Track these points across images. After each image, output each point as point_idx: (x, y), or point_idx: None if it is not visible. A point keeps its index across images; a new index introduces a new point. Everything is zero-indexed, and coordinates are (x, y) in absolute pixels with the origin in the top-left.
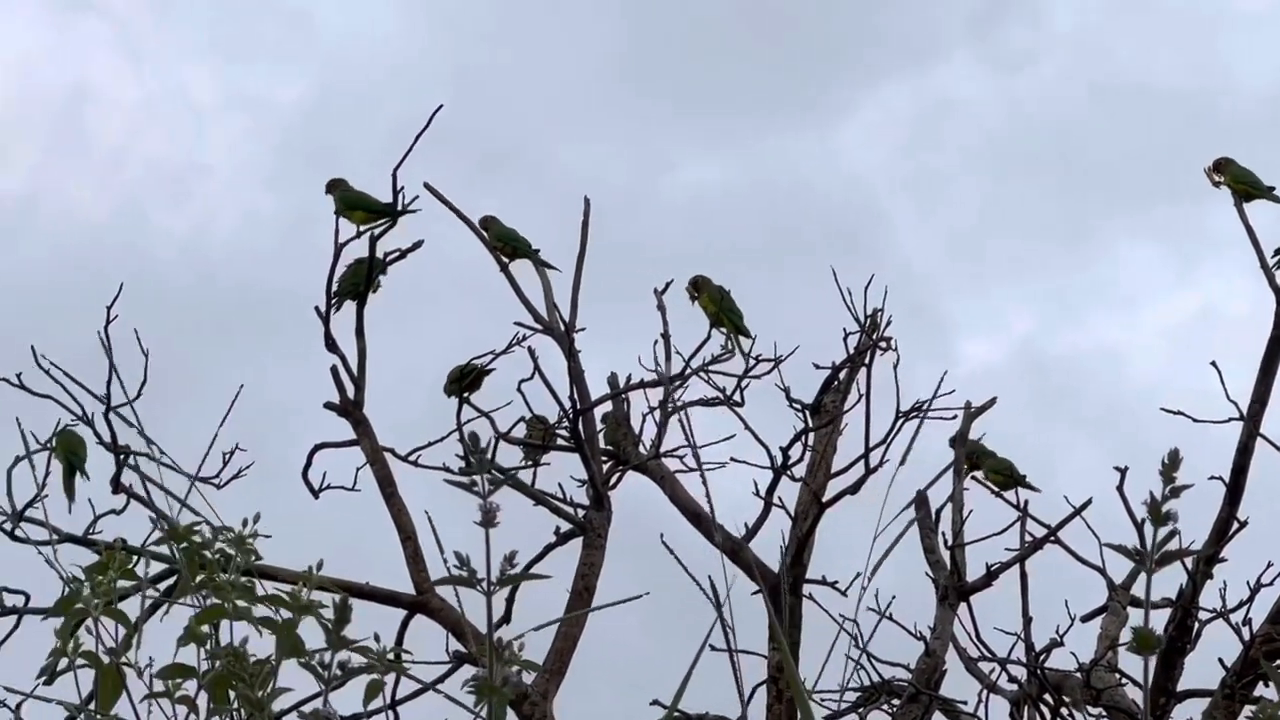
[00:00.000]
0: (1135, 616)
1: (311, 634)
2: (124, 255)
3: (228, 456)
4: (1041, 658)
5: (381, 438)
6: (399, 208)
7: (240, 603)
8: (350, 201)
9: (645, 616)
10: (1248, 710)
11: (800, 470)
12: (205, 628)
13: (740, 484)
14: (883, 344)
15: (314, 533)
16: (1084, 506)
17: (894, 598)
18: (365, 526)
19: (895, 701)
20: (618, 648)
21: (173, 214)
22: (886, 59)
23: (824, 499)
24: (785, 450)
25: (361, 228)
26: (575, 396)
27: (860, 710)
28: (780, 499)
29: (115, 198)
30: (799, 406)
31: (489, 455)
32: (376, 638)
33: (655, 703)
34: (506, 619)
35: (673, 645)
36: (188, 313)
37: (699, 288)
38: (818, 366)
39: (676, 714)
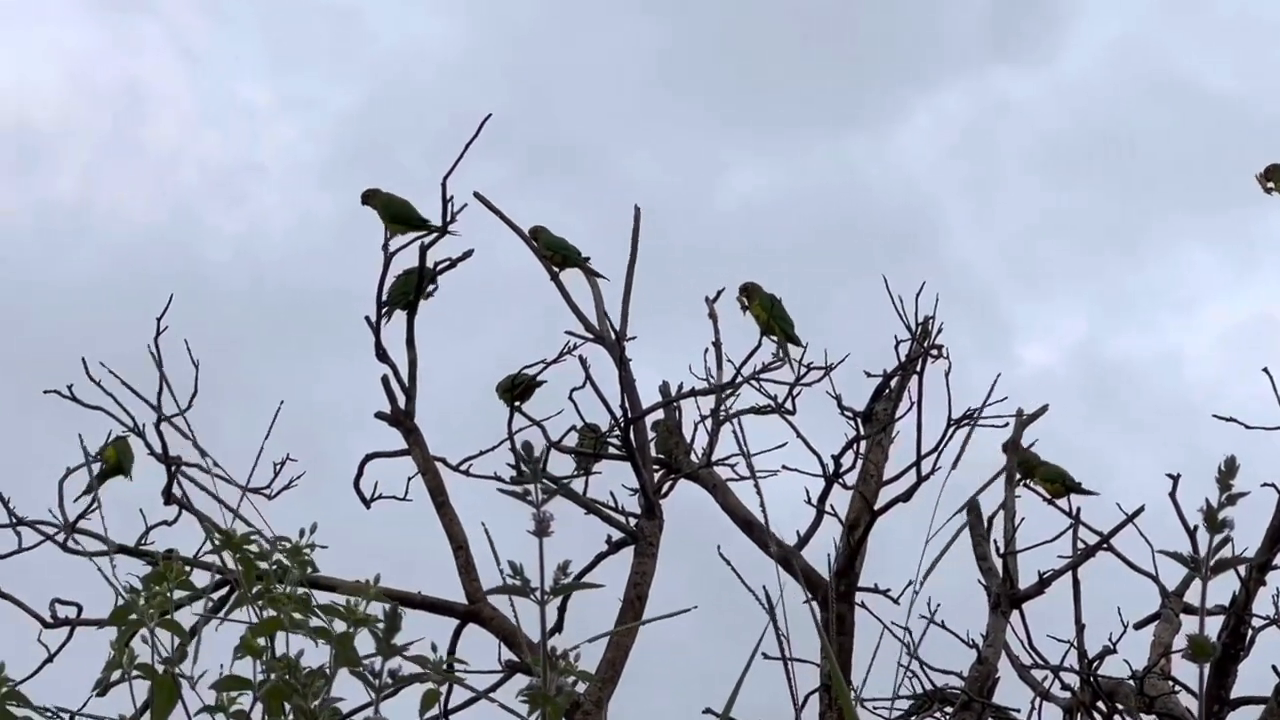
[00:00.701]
0: (1189, 624)
1: (367, 646)
2: (177, 258)
3: (279, 467)
4: (1094, 665)
5: (432, 447)
6: (445, 221)
7: (296, 615)
8: (395, 214)
9: (698, 623)
10: None
11: (852, 478)
12: (261, 640)
13: (792, 492)
14: (934, 351)
15: (366, 543)
16: (1136, 514)
17: (968, 612)
18: (417, 536)
19: (948, 709)
20: (671, 654)
21: (226, 216)
22: (940, 61)
23: (876, 507)
24: (837, 458)
25: (410, 235)
26: (626, 405)
27: (913, 718)
28: (832, 507)
29: (168, 200)
30: (850, 414)
31: (541, 465)
32: (434, 647)
33: (708, 711)
34: (559, 628)
35: (726, 652)
36: (240, 317)
37: (749, 295)
38: (869, 374)
39: None
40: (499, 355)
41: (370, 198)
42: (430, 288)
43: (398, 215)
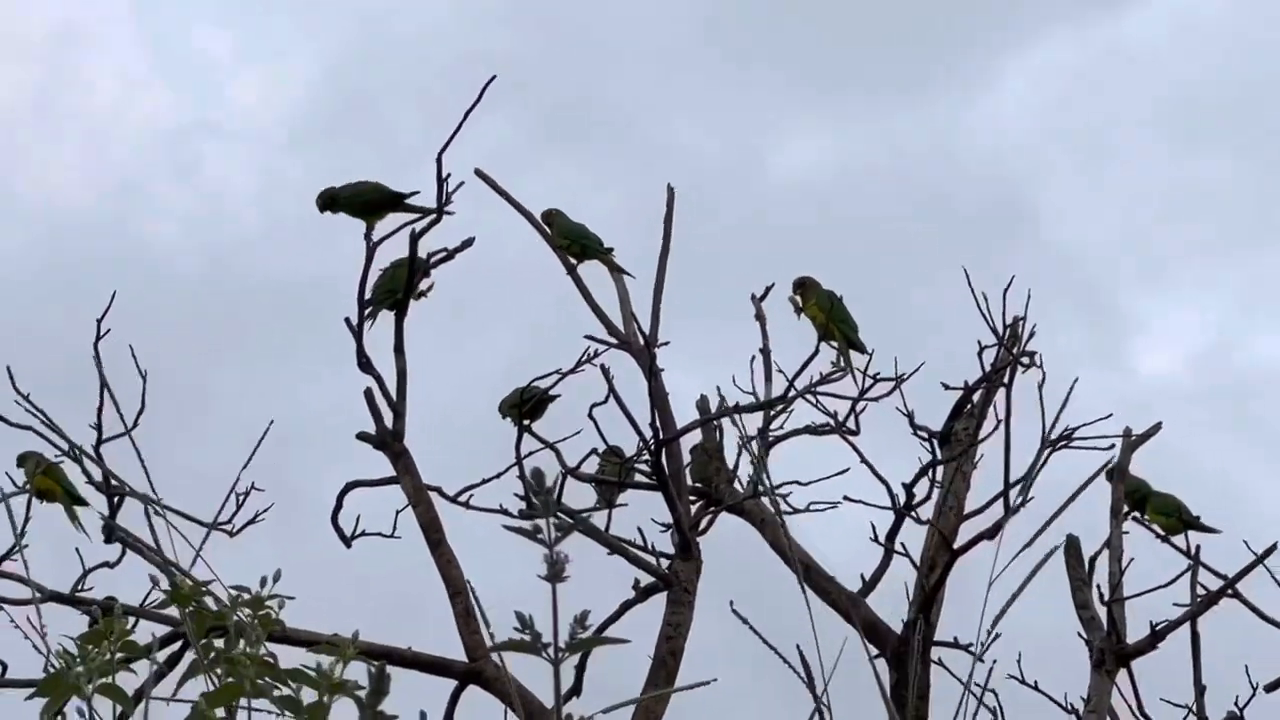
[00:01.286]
0: None
1: (346, 712)
2: (118, 240)
3: (241, 498)
4: None
5: (426, 474)
6: (441, 203)
7: (260, 680)
8: (367, 203)
9: (745, 684)
10: None
11: (927, 511)
12: (219, 710)
13: (856, 528)
14: (1025, 359)
15: (346, 588)
16: (1268, 553)
17: (1067, 670)
18: (408, 580)
19: None
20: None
21: (177, 189)
22: (1039, 11)
23: (956, 545)
24: (909, 487)
25: (400, 220)
26: (657, 424)
27: None
28: (903, 545)
29: (108, 170)
30: (925, 435)
31: (555, 495)
32: (423, 716)
33: None
34: (576, 690)
35: (780, 716)
36: (194, 312)
37: (805, 293)
38: (947, 387)
39: None
40: (505, 365)
41: (330, 203)
42: (424, 284)
43: (371, 204)
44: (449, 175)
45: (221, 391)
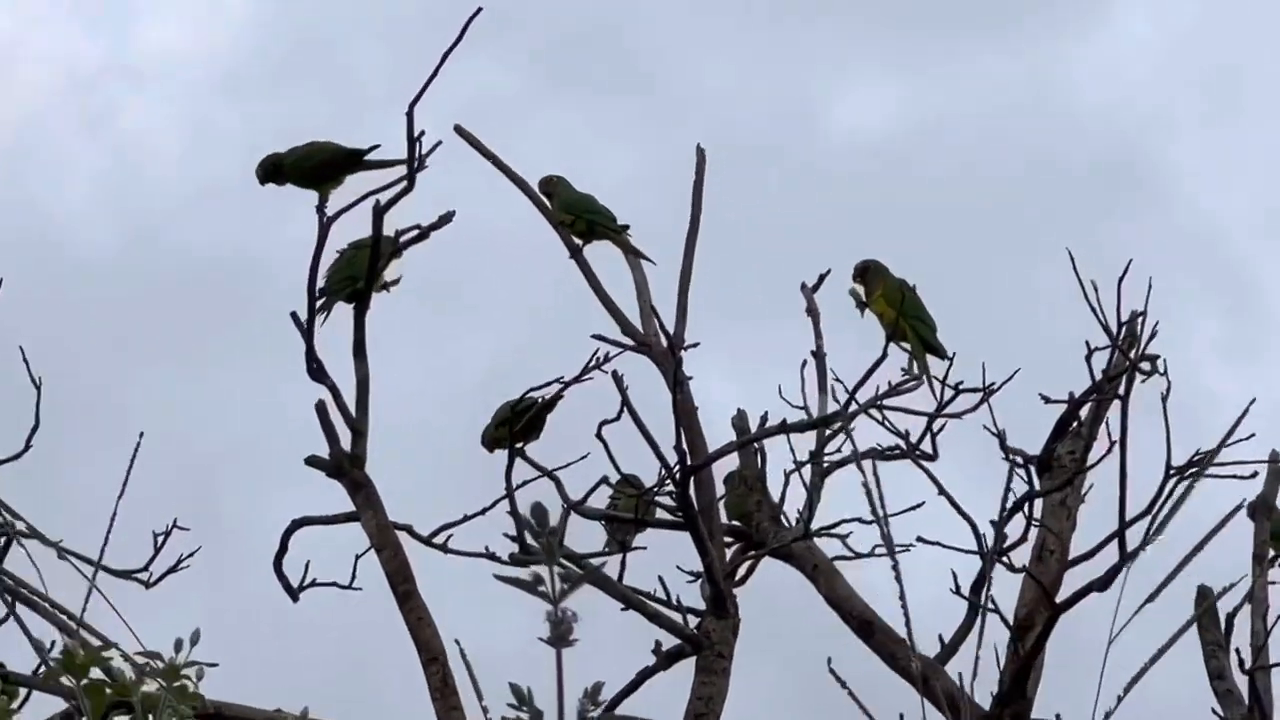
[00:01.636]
0: None
1: None
2: (10, 206)
3: (161, 538)
4: None
5: (392, 509)
6: (412, 169)
7: None
8: (318, 166)
9: None
10: None
11: (1021, 556)
12: None
13: (932, 576)
14: (1146, 365)
15: (293, 651)
16: None
17: None
18: (368, 641)
19: None
20: None
21: (85, 144)
22: None
23: (1058, 599)
24: (999, 526)
25: (360, 192)
26: (684, 446)
27: None
28: (992, 599)
29: None
30: (1020, 460)
31: (558, 537)
32: None
33: None
34: None
35: None
36: (105, 300)
37: (870, 281)
38: (1047, 400)
39: None
40: (492, 371)
41: (274, 173)
42: (391, 272)
43: (324, 167)
44: (423, 133)
45: (136, 403)
